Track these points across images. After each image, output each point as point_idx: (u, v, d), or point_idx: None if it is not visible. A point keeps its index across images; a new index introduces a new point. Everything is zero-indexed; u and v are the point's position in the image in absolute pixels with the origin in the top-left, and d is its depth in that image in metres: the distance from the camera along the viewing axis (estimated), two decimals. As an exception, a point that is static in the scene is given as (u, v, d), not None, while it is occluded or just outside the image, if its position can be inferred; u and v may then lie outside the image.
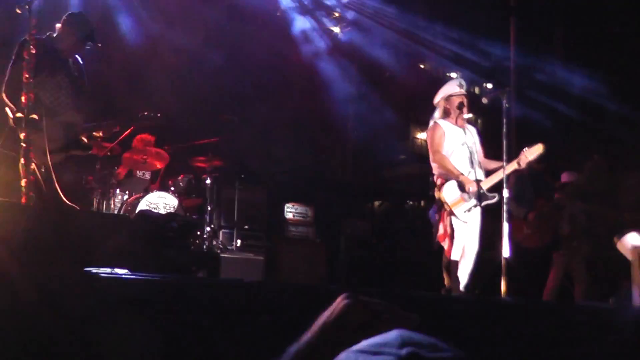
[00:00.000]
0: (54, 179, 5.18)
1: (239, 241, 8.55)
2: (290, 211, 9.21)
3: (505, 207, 5.83)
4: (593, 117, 10.71)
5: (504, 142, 5.90)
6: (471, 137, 6.09)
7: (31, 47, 4.73)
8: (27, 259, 3.64)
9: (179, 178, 8.03)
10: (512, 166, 5.93)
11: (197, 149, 8.32)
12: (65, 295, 2.56)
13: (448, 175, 5.93)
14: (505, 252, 5.62)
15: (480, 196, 5.85)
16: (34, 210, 4.44)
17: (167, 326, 2.69)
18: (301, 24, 11.29)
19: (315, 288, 4.74)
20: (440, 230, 6.02)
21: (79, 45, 5.49)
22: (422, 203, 16.47)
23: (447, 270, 5.97)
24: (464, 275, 5.90)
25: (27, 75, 4.79)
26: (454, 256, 5.89)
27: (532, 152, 5.96)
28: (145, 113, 5.96)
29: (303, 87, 11.38)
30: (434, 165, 6.09)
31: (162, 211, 7.06)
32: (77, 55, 5.70)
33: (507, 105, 6.09)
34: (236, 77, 10.05)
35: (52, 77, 5.30)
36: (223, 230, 8.61)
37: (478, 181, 5.88)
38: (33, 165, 4.90)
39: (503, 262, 5.62)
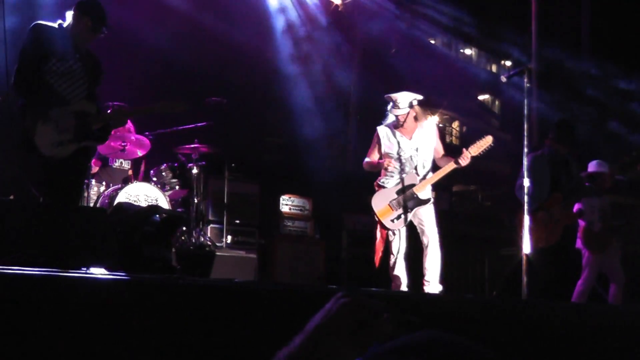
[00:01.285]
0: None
1: (229, 237, 8.54)
2: (287, 204, 9.19)
3: (526, 199, 5.80)
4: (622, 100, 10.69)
5: (525, 125, 5.87)
6: (417, 142, 6.45)
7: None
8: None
9: (162, 167, 7.99)
10: (450, 167, 6.33)
11: (182, 135, 8.27)
12: (36, 297, 2.52)
13: (373, 168, 6.54)
14: (526, 247, 5.60)
15: (413, 201, 6.32)
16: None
17: (149, 331, 2.66)
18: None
19: (314, 289, 4.71)
20: (378, 238, 6.54)
21: (92, 32, 5.56)
22: (433, 194, 16.49)
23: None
24: (434, 270, 6.29)
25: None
26: (398, 270, 6.39)
27: (479, 147, 6.30)
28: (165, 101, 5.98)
29: (299, 68, 11.33)
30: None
31: (143, 204, 7.02)
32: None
33: (527, 84, 6.06)
34: (225, 55, 10.00)
35: (64, 64, 5.37)
36: (211, 225, 8.58)
37: (411, 186, 6.32)
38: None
39: (524, 259, 5.59)
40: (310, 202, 9.34)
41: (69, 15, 5.55)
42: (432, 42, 13.43)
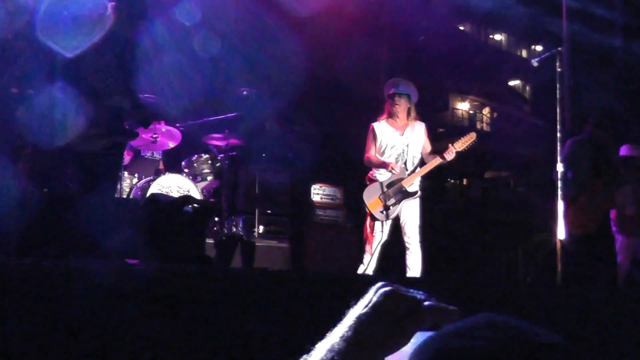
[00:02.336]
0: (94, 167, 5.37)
1: (261, 227, 8.55)
2: (318, 193, 9.18)
3: (559, 184, 5.75)
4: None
5: (557, 110, 5.82)
6: (408, 138, 6.75)
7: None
8: (29, 249, 3.66)
9: (193, 158, 8.03)
10: (436, 162, 6.59)
11: (213, 126, 8.30)
12: (71, 288, 2.55)
13: (377, 167, 6.76)
14: (561, 234, 5.56)
15: (400, 194, 6.60)
16: (31, 195, 4.47)
17: (185, 321, 2.68)
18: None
19: (347, 277, 4.71)
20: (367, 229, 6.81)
21: (131, 25, 5.57)
22: (464, 182, 16.39)
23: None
24: (415, 267, 6.56)
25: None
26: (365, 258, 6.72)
27: (464, 142, 6.59)
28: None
29: (329, 54, 11.32)
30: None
31: (176, 195, 7.07)
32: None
33: (559, 68, 6.01)
34: (253, 45, 10.01)
35: (99, 57, 5.39)
36: (243, 215, 8.61)
37: (400, 179, 6.62)
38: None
39: (558, 245, 5.55)
40: (341, 190, 9.33)
41: (109, 6, 5.55)
42: (462, 28, 13.28)
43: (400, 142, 6.74)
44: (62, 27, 5.34)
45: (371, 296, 1.23)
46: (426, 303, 1.18)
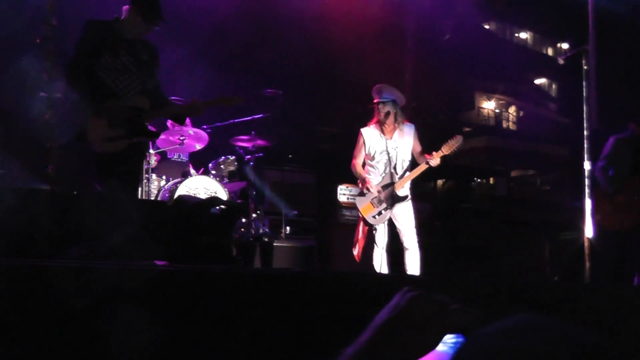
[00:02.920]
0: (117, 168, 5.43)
1: (287, 228, 8.56)
2: (344, 193, 9.17)
3: (587, 182, 5.68)
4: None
5: (585, 109, 5.75)
6: (397, 142, 6.86)
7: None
8: (52, 249, 3.68)
9: (220, 160, 8.06)
10: (423, 167, 6.70)
11: (239, 128, 8.32)
12: (96, 289, 2.55)
13: (358, 177, 6.98)
14: (589, 232, 5.49)
15: (391, 199, 6.74)
16: (59, 197, 4.50)
17: (211, 322, 2.67)
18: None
19: (374, 277, 4.68)
20: (359, 234, 7.00)
21: (146, 25, 5.62)
22: (491, 181, 16.27)
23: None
24: (414, 265, 6.74)
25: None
26: (376, 262, 6.91)
27: (450, 146, 6.70)
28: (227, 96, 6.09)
29: (354, 54, 11.30)
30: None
31: (203, 196, 7.09)
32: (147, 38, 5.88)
33: (586, 66, 5.94)
34: (278, 48, 10.01)
35: (116, 58, 5.45)
36: (270, 216, 8.62)
37: (392, 184, 6.75)
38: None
39: (586, 243, 5.48)
40: (367, 191, 9.31)
41: (125, 9, 5.62)
42: (487, 27, 13.19)
43: (388, 147, 6.84)
44: None
45: (397, 300, 1.22)
46: (452, 306, 1.17)
